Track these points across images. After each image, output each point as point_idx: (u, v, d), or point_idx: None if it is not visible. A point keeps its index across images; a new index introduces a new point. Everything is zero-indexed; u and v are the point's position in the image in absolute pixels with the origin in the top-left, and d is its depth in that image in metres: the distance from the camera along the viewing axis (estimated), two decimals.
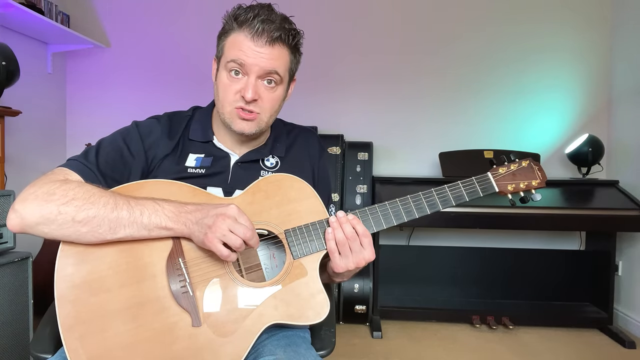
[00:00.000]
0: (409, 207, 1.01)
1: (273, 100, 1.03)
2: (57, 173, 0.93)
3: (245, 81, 0.99)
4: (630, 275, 2.81)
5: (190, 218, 0.89)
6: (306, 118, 3.10)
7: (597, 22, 3.09)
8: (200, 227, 0.87)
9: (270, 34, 0.96)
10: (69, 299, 0.86)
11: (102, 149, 1.01)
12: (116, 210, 0.87)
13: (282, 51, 1.00)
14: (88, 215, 0.85)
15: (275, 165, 1.11)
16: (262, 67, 0.98)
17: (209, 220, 0.86)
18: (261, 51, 0.97)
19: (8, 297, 1.82)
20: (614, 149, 3.02)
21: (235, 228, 0.85)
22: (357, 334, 2.63)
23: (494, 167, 1.05)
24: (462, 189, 1.02)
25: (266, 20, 0.96)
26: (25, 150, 2.84)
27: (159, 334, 0.86)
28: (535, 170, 1.04)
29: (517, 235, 3.11)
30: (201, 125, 1.11)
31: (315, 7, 3.17)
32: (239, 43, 0.98)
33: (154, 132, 1.06)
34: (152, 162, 1.04)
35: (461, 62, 3.16)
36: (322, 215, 1.00)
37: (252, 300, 0.91)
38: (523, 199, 1.04)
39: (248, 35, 0.97)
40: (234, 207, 0.88)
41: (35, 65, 2.97)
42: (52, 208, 0.85)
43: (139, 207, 0.88)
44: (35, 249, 2.57)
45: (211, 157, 1.07)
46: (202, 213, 0.88)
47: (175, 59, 3.24)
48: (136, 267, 0.89)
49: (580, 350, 2.46)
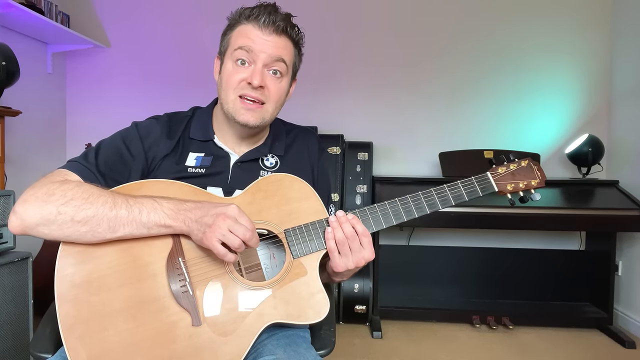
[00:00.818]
0: (409, 207, 1.01)
1: (279, 91, 1.05)
2: (57, 174, 0.93)
3: (252, 69, 1.01)
4: (630, 275, 2.81)
5: (189, 216, 0.89)
6: (306, 118, 3.10)
7: (597, 22, 3.09)
8: (200, 225, 0.87)
9: (277, 24, 1.00)
10: (69, 298, 0.86)
11: (102, 150, 1.01)
12: (115, 209, 0.87)
13: (288, 43, 1.04)
14: (87, 215, 0.86)
15: (274, 165, 1.12)
16: (270, 54, 1.00)
17: (208, 220, 0.86)
18: (268, 39, 1.01)
19: (8, 297, 1.81)
20: (614, 149, 3.02)
21: (235, 228, 0.85)
22: (357, 334, 2.63)
23: (493, 166, 1.05)
24: (462, 188, 1.03)
25: (273, 13, 1.01)
26: (25, 150, 2.84)
27: (158, 333, 0.86)
28: (535, 170, 1.05)
29: (517, 235, 3.11)
30: (201, 124, 1.11)
31: (315, 8, 3.17)
32: (247, 32, 1.01)
33: (153, 133, 1.06)
34: (152, 162, 1.04)
35: (461, 62, 3.16)
36: (321, 215, 1.00)
37: (252, 300, 0.91)
38: (522, 199, 1.04)
39: (256, 25, 1.01)
40: (234, 207, 0.88)
41: (35, 65, 2.97)
42: (52, 209, 0.85)
43: (138, 206, 0.88)
44: (35, 249, 2.57)
45: (211, 157, 1.08)
46: (201, 211, 0.88)
47: (175, 59, 3.25)
48: (136, 266, 0.89)
49: (580, 350, 2.46)
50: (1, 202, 1.85)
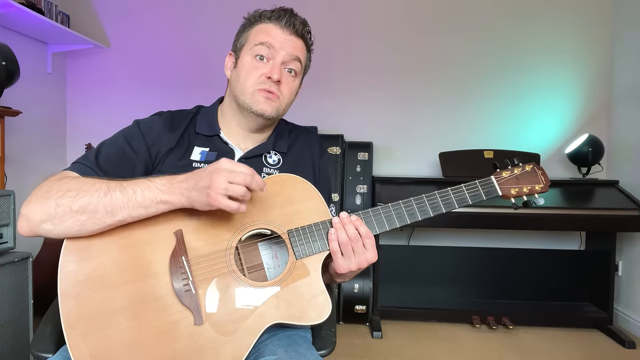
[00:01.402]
0: (412, 210, 1.01)
1: (292, 89, 1.09)
2: (58, 175, 0.95)
3: (271, 64, 1.05)
4: (630, 275, 2.81)
5: (184, 186, 0.88)
6: (306, 118, 3.10)
7: (597, 23, 3.09)
8: (200, 191, 0.87)
9: (297, 27, 1.07)
10: (72, 295, 0.86)
11: (104, 149, 1.02)
12: (110, 194, 0.87)
13: (303, 45, 1.10)
14: (83, 203, 0.86)
15: (277, 162, 1.13)
16: (289, 52, 1.06)
17: (205, 182, 0.86)
18: (288, 38, 1.06)
19: (8, 297, 1.81)
20: (614, 149, 3.02)
21: (233, 178, 0.85)
22: (357, 334, 2.63)
23: (497, 170, 1.05)
24: (466, 192, 1.03)
25: (293, 16, 1.07)
26: (25, 150, 2.84)
27: (161, 332, 0.86)
28: (539, 174, 1.05)
29: (517, 235, 3.11)
30: (207, 120, 1.13)
31: (315, 7, 3.17)
32: (268, 30, 1.06)
33: (155, 128, 1.07)
34: (156, 157, 1.05)
35: (461, 62, 3.16)
36: (325, 215, 1.00)
37: (254, 300, 0.91)
38: (526, 203, 1.04)
39: (277, 25, 1.06)
40: (225, 160, 0.87)
41: (35, 65, 2.96)
42: (51, 202, 0.86)
43: (132, 187, 0.89)
44: (35, 249, 2.57)
45: (216, 152, 1.09)
46: (195, 178, 0.88)
47: (176, 59, 3.24)
48: (139, 264, 0.90)
49: (580, 350, 2.46)
50: (1, 202, 1.85)
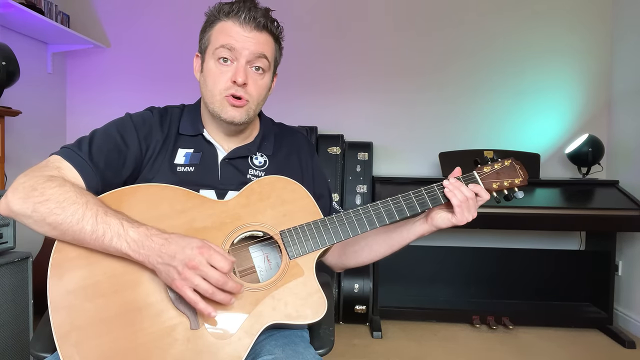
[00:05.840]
0: (410, 203, 1.03)
1: (260, 88, 1.05)
2: (51, 164, 0.94)
3: (235, 67, 1.01)
4: (630, 275, 2.81)
5: (154, 254, 0.84)
6: (306, 118, 3.10)
7: (597, 23, 3.08)
8: (167, 271, 0.83)
9: (257, 20, 1.00)
10: (63, 305, 0.85)
11: (96, 138, 1.01)
12: (81, 223, 0.85)
13: (268, 39, 1.03)
14: (56, 221, 0.85)
15: (263, 164, 1.11)
16: (252, 51, 1.00)
17: (176, 263, 0.82)
18: (249, 36, 1.00)
19: (8, 297, 1.81)
20: (614, 149, 3.01)
21: (206, 274, 0.82)
22: (357, 334, 2.63)
23: (479, 166, 1.08)
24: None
25: (252, 9, 1.00)
26: (25, 150, 2.84)
27: (157, 338, 0.86)
28: (517, 169, 1.07)
29: (517, 235, 3.11)
30: (191, 119, 1.11)
31: (315, 7, 3.17)
32: (227, 29, 1.01)
33: (147, 122, 1.07)
34: (146, 152, 1.04)
35: (461, 62, 3.16)
36: (316, 215, 1.00)
37: (250, 302, 0.91)
38: (507, 197, 1.07)
39: (236, 22, 1.00)
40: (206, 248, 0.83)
41: (35, 65, 2.97)
42: (29, 205, 0.86)
43: (104, 226, 0.85)
44: (35, 249, 2.57)
45: (200, 153, 1.07)
46: (169, 253, 0.83)
47: (175, 59, 3.24)
48: (130, 271, 0.88)
49: (580, 350, 2.46)
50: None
